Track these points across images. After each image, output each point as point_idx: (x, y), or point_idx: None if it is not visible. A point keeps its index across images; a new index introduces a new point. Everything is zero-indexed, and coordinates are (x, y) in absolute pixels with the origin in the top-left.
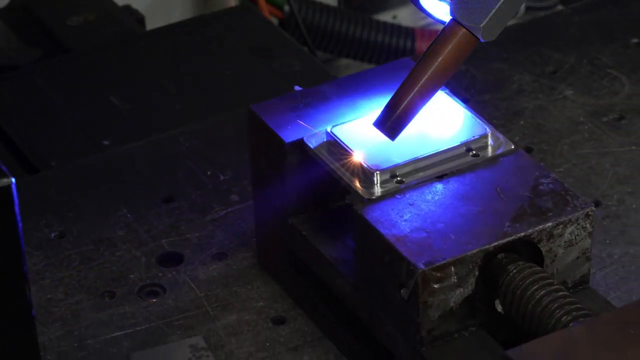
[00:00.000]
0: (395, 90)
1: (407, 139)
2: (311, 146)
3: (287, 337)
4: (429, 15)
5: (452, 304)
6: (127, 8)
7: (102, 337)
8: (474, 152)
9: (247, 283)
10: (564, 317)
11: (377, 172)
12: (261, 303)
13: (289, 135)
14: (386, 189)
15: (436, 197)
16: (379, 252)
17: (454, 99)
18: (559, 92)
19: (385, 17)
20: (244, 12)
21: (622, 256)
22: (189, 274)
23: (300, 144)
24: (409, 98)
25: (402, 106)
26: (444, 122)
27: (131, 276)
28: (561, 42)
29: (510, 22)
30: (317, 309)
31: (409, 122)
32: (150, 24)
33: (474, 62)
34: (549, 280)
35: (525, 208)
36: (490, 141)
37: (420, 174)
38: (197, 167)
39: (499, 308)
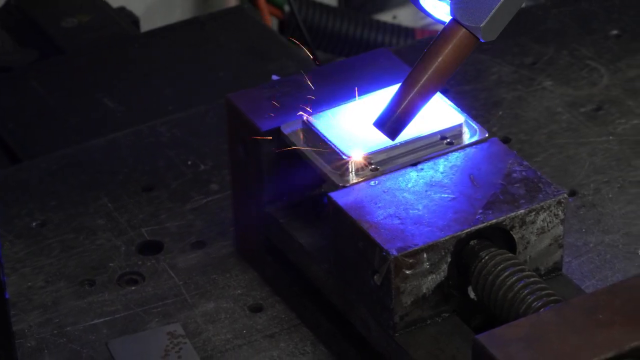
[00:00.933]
0: (395, 90)
1: None
2: (287, 134)
3: (264, 325)
4: (429, 15)
5: (424, 290)
6: (122, 10)
7: (81, 325)
8: (448, 140)
9: (226, 271)
10: (535, 303)
11: (352, 159)
12: (239, 291)
13: (265, 124)
14: (360, 176)
15: (410, 185)
16: (353, 238)
17: None
18: (538, 82)
19: (385, 17)
20: (240, 14)
21: (598, 245)
22: (168, 262)
23: (277, 132)
24: (409, 98)
25: (402, 106)
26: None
27: (111, 264)
28: (541, 34)
29: None
30: (294, 296)
31: (409, 122)
32: (151, 25)
33: None
34: (520, 267)
35: (497, 195)
36: (464, 129)
37: (395, 162)
38: (177, 157)
39: (472, 294)
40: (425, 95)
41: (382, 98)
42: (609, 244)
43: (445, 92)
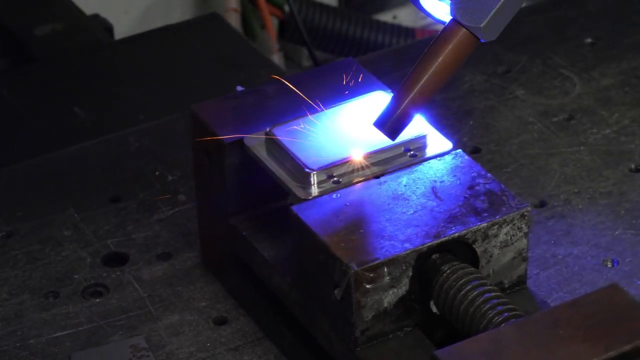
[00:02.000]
0: (395, 89)
1: (345, 139)
2: (250, 146)
3: (228, 337)
4: (429, 15)
5: (386, 304)
6: (96, 17)
7: (44, 337)
8: (412, 152)
9: (191, 283)
10: (496, 318)
11: (314, 172)
12: (203, 303)
13: (229, 135)
14: (323, 189)
15: (372, 197)
16: (314, 252)
17: None
18: (510, 92)
19: (385, 17)
20: (212, 22)
21: (566, 257)
22: (133, 274)
23: (240, 143)
24: (409, 98)
25: (402, 106)
26: None
27: (76, 276)
28: (515, 42)
29: None
30: (258, 308)
31: (409, 122)
32: (151, 25)
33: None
34: (482, 281)
35: (460, 208)
36: (428, 141)
37: (357, 174)
38: (146, 167)
39: (434, 308)
40: (425, 95)
41: (347, 110)
42: (578, 256)
43: None
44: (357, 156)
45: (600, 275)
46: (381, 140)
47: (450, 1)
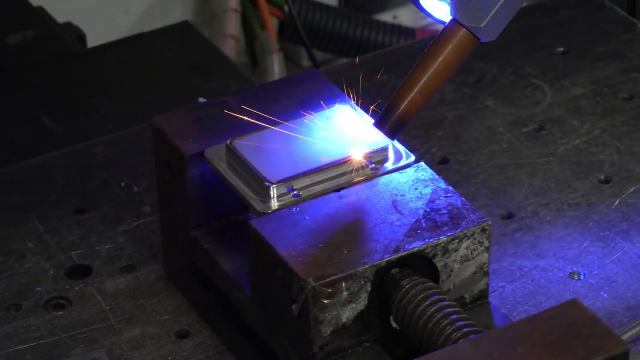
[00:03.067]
0: (394, 90)
1: (306, 151)
2: (211, 159)
3: (190, 351)
4: (429, 15)
5: (344, 320)
6: (69, 25)
7: (5, 351)
8: (373, 164)
9: (154, 296)
10: (454, 334)
11: (273, 185)
12: (166, 316)
13: (190, 148)
14: (283, 202)
15: (331, 211)
16: (272, 266)
17: (356, 111)
18: (480, 101)
19: (385, 17)
20: (184, 30)
21: (532, 269)
22: (96, 287)
23: (201, 156)
24: (408, 98)
25: (402, 107)
26: (344, 134)
27: (38, 289)
28: (485, 51)
29: None
30: (220, 322)
31: (409, 122)
32: (151, 25)
33: (395, 72)
34: (441, 296)
35: (420, 222)
36: (390, 154)
37: (318, 187)
38: (111, 178)
39: (394, 324)
40: (425, 96)
41: (309, 122)
42: (544, 269)
43: None
44: (318, 169)
45: (566, 288)
46: (342, 152)
47: (450, 1)
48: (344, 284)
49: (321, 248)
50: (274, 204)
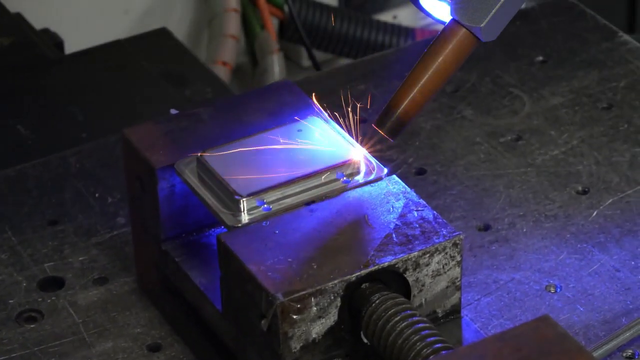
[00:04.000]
0: (393, 91)
1: (277, 164)
2: (181, 172)
3: None
4: (429, 15)
5: (314, 335)
6: (46, 32)
7: None
8: (344, 178)
9: (126, 309)
10: (424, 350)
11: (244, 199)
12: (138, 329)
13: (160, 160)
14: (253, 216)
15: (302, 225)
16: (242, 281)
17: (329, 123)
18: (458, 111)
19: (385, 17)
20: (160, 37)
21: (508, 282)
22: (68, 299)
23: (172, 168)
24: (408, 98)
25: (402, 107)
26: (317, 147)
27: (10, 301)
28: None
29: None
30: (192, 335)
31: (409, 122)
32: (152, 25)
33: (374, 81)
34: (411, 312)
35: (391, 236)
36: (361, 167)
37: (288, 201)
38: (85, 189)
39: (365, 339)
40: (425, 96)
41: (280, 134)
42: (520, 281)
43: (363, 122)
44: (289, 182)
45: (542, 301)
46: (313, 165)
47: (450, 1)
48: (313, 300)
49: (291, 263)
50: (244, 217)
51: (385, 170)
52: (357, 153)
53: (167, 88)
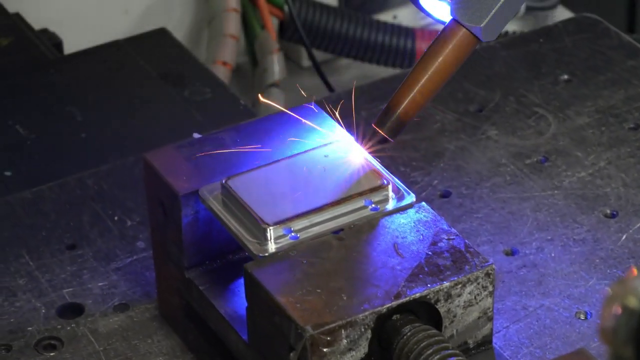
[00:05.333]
0: (392, 92)
1: (304, 191)
2: (206, 198)
3: None
4: (429, 15)
5: None
6: (45, 32)
7: None
8: (373, 205)
9: (148, 336)
10: None
11: (270, 227)
12: (160, 358)
13: (183, 187)
14: (280, 244)
15: (330, 254)
16: (269, 312)
17: (355, 147)
18: (482, 132)
19: (385, 17)
20: (158, 37)
21: (537, 308)
22: (88, 327)
23: (195, 195)
24: (408, 98)
25: (402, 107)
26: (344, 173)
27: (29, 328)
28: (487, 78)
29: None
30: None
31: (408, 123)
32: (151, 25)
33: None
34: (443, 344)
35: (422, 266)
36: (390, 193)
37: (316, 229)
38: (103, 212)
39: None
40: (425, 96)
41: (307, 159)
42: (550, 308)
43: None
44: (317, 209)
45: (572, 328)
46: (341, 192)
47: (450, 1)
48: (343, 332)
49: (320, 293)
50: (271, 246)
51: (414, 197)
52: (385, 179)
53: (167, 88)
